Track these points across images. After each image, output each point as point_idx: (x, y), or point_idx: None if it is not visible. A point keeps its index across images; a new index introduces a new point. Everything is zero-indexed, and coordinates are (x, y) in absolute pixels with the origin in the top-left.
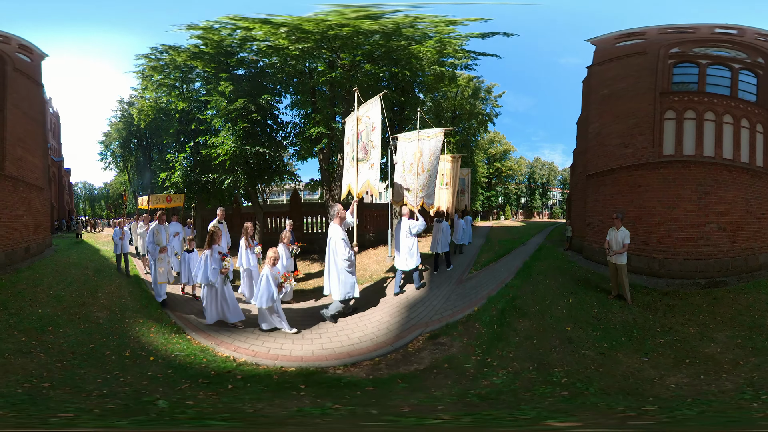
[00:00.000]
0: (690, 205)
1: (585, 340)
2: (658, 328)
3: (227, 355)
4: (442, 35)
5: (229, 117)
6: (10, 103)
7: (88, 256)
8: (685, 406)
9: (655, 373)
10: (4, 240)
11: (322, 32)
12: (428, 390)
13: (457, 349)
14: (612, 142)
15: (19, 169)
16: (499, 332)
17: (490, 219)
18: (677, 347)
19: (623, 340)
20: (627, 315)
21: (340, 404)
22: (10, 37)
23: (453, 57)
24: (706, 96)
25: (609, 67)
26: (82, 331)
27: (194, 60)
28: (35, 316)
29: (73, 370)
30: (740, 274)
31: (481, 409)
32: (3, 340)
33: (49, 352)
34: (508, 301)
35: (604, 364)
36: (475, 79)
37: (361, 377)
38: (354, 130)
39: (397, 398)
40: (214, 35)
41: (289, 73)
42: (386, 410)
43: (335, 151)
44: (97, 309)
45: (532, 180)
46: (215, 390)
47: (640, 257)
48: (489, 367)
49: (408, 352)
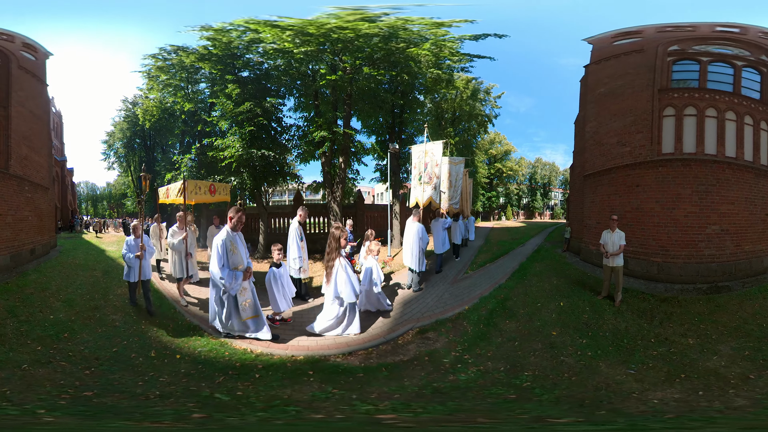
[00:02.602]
0: (690, 206)
1: (568, 347)
2: (653, 338)
3: (244, 347)
4: (437, 37)
5: (236, 120)
6: (15, 101)
7: (95, 257)
8: (657, 422)
9: (638, 387)
10: (9, 242)
11: (325, 35)
12: (401, 380)
13: (441, 344)
14: (609, 141)
15: (24, 168)
16: (484, 332)
17: (491, 219)
18: (672, 360)
19: (610, 350)
20: (619, 322)
21: (337, 389)
22: (14, 35)
23: (449, 59)
24: (708, 92)
25: (606, 65)
26: (101, 336)
27: (202, 62)
28: (48, 323)
29: (105, 376)
30: (744, 278)
31: (426, 401)
32: (16, 351)
33: (71, 360)
34: (499, 302)
35: (581, 372)
36: (474, 81)
37: (355, 365)
38: (421, 158)
39: (376, 385)
40: (224, 37)
41: (293, 75)
42: (363, 396)
43: (337, 154)
44: (110, 312)
45: (533, 180)
46: (249, 380)
47: (638, 260)
48: (463, 364)
49: (397, 344)
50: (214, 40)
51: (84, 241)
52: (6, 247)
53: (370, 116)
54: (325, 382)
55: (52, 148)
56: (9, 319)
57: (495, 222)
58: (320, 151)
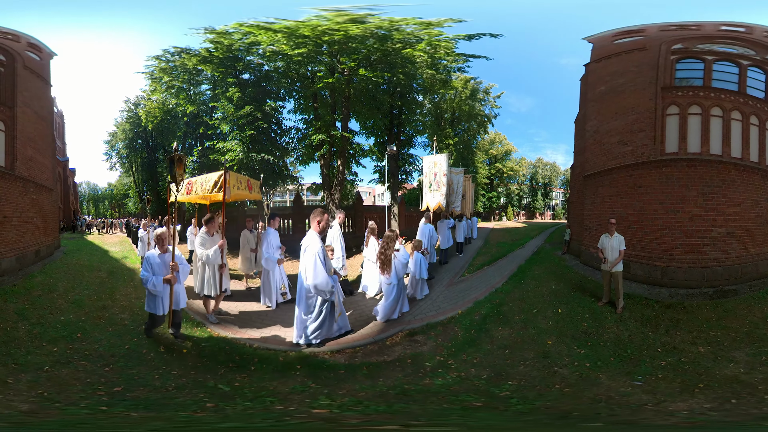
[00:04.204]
0: (695, 208)
1: (564, 357)
2: (659, 347)
3: (243, 342)
4: (431, 38)
5: (237, 123)
6: (21, 102)
7: (99, 258)
8: None
9: (650, 399)
10: (15, 243)
11: (319, 37)
12: (377, 379)
13: (428, 348)
14: (610, 140)
15: (30, 169)
16: (474, 338)
17: (492, 220)
18: (684, 370)
19: (612, 360)
20: (622, 331)
21: (315, 384)
22: (20, 35)
23: (444, 60)
24: (713, 91)
25: (607, 63)
26: (112, 334)
27: (204, 64)
28: (59, 324)
29: (124, 371)
30: (751, 281)
31: (385, 401)
32: (33, 353)
33: (89, 358)
34: (494, 307)
35: (576, 384)
36: (473, 80)
37: (339, 362)
38: (431, 169)
39: (351, 382)
40: (226, 39)
41: (292, 77)
42: (333, 392)
43: (336, 156)
44: (119, 311)
45: (534, 180)
46: (245, 372)
47: (641, 265)
48: (444, 368)
49: (385, 345)
50: (216, 42)
51: (87, 242)
52: (12, 249)
53: (368, 118)
54: (308, 376)
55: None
56: (20, 321)
57: (495, 222)
58: (319, 153)
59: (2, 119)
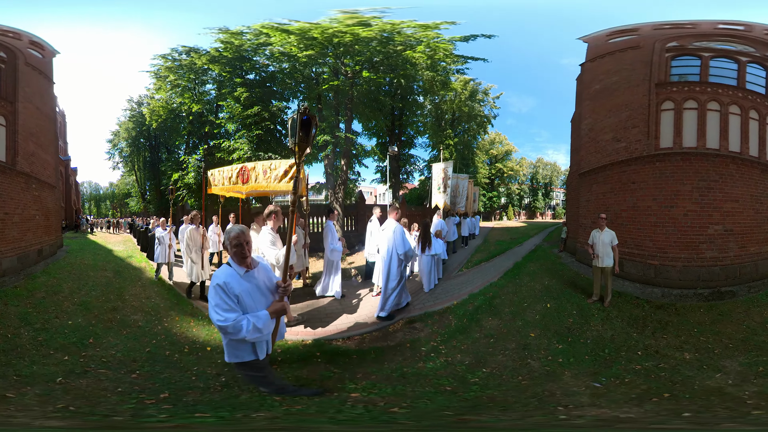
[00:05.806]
0: (691, 204)
1: (542, 350)
2: (640, 350)
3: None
4: (430, 39)
5: (244, 123)
6: (22, 97)
7: (103, 257)
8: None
9: (591, 401)
10: (16, 242)
11: (327, 39)
12: (383, 363)
13: (424, 334)
14: (604, 138)
15: (31, 165)
16: (466, 326)
17: (492, 219)
18: (658, 377)
19: (586, 359)
20: (606, 330)
21: (337, 369)
22: (21, 33)
23: (443, 61)
24: (710, 86)
25: (601, 62)
26: (128, 337)
27: (212, 63)
28: (67, 329)
29: (156, 376)
30: (750, 282)
31: (390, 383)
32: (39, 363)
33: (109, 366)
34: (486, 300)
35: (534, 378)
36: (473, 81)
37: (351, 348)
38: (440, 173)
39: (364, 366)
40: (236, 40)
41: (297, 78)
42: (352, 375)
43: (339, 156)
44: (130, 312)
45: (534, 180)
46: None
47: (634, 263)
48: (436, 353)
49: (388, 332)
50: (226, 42)
51: (90, 241)
52: (13, 247)
53: (370, 119)
54: (329, 362)
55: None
56: (23, 328)
57: (496, 222)
58: (323, 154)
59: (3, 114)
